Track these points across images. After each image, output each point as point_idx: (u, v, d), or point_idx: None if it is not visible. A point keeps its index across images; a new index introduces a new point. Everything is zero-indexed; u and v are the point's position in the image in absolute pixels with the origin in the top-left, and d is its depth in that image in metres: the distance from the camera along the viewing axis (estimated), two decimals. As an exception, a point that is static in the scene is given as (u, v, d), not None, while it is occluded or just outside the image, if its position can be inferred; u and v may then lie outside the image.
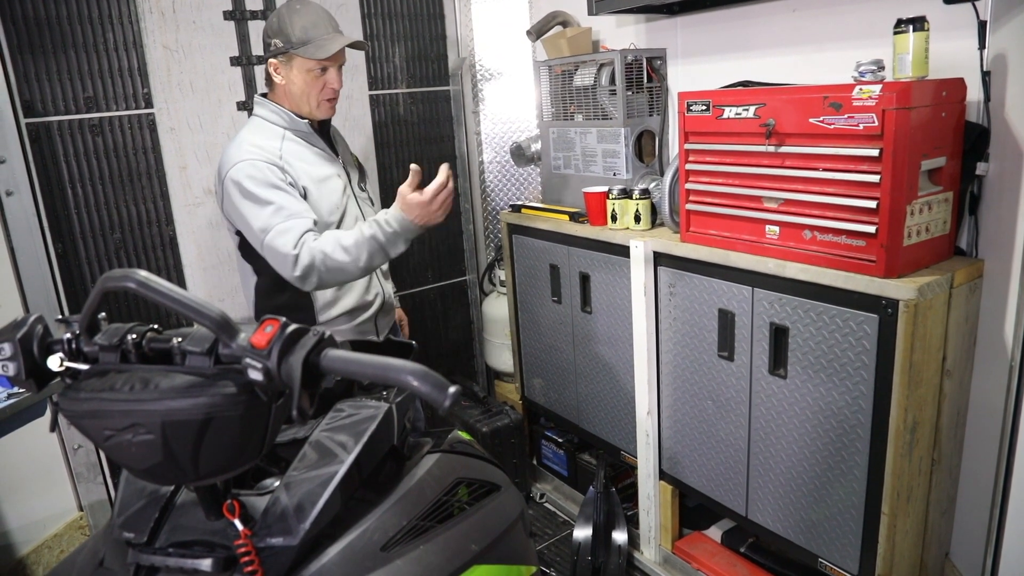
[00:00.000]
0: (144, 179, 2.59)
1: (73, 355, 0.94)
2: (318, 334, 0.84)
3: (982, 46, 1.78)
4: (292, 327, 0.84)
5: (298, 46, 1.91)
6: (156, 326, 0.96)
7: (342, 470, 1.05)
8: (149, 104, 2.57)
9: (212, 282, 2.76)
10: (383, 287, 2.23)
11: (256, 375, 0.82)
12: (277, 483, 1.08)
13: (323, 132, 2.11)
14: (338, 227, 2.02)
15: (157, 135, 2.60)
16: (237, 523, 0.97)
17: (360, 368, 0.81)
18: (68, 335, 0.95)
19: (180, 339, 0.91)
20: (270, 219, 1.86)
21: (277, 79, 1.99)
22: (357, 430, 1.13)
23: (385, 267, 2.25)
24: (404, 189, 1.86)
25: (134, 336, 0.92)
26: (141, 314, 2.59)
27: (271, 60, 1.97)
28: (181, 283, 2.70)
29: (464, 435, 1.50)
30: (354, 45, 1.99)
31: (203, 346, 0.88)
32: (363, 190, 2.21)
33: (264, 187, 1.88)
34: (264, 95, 2.07)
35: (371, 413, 1.16)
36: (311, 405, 0.83)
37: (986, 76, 1.79)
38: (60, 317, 0.98)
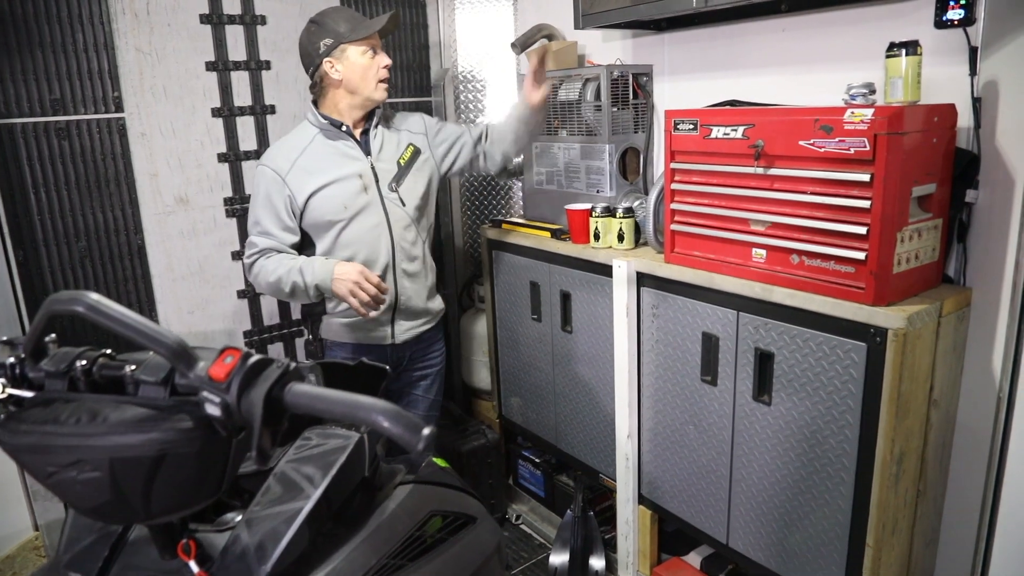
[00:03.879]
0: (112, 185, 2.50)
1: (16, 381, 0.87)
2: (282, 366, 0.77)
3: (973, 72, 1.76)
4: (254, 358, 0.77)
5: (348, 35, 2.09)
6: (109, 351, 0.89)
7: (308, 506, 0.98)
8: (119, 108, 2.49)
9: (182, 294, 2.66)
10: (399, 288, 2.23)
11: (213, 410, 0.76)
12: (239, 518, 1.00)
13: (364, 131, 2.23)
14: (352, 224, 2.15)
15: (127, 140, 2.51)
16: (193, 565, 0.90)
17: (327, 405, 0.74)
18: (12, 359, 0.87)
19: (133, 367, 0.84)
20: (250, 227, 2.19)
21: (335, 75, 2.12)
22: (326, 461, 1.06)
23: (412, 267, 2.26)
24: (358, 270, 2.03)
25: (84, 362, 0.85)
26: (99, 333, 2.49)
27: (327, 60, 2.10)
28: (149, 294, 2.60)
29: (439, 461, 1.43)
30: (393, 17, 2.15)
31: (158, 375, 0.81)
32: (393, 191, 2.20)
33: (259, 196, 2.14)
34: (314, 102, 2.23)
35: (341, 443, 1.08)
36: (273, 444, 0.76)
37: (977, 102, 1.76)
38: (4, 339, 0.91)
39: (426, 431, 0.70)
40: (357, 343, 2.24)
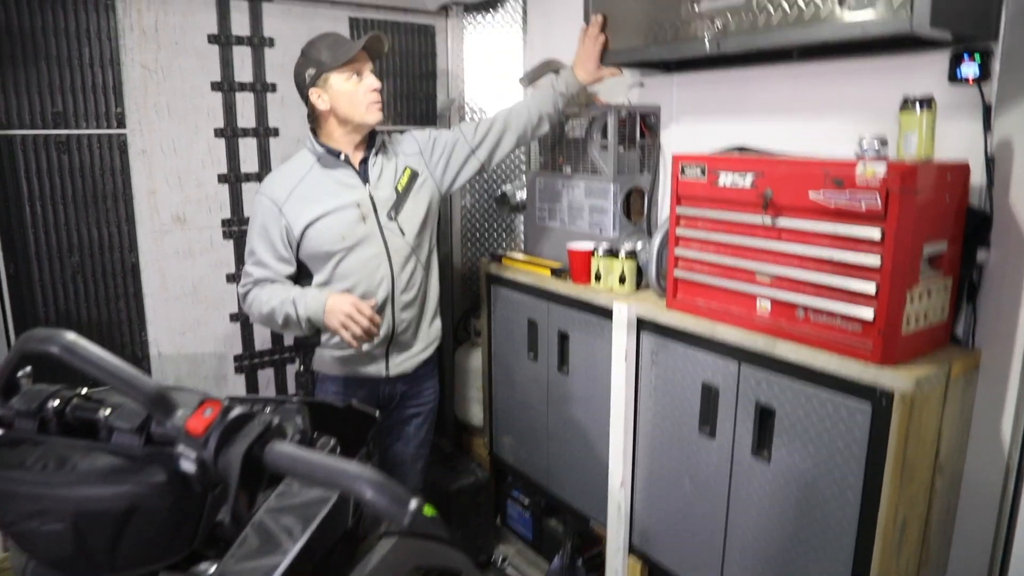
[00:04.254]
0: (109, 201, 2.46)
1: (-16, 418, 0.82)
2: (263, 423, 0.73)
3: (987, 130, 1.73)
4: (235, 413, 0.72)
5: (329, 63, 2.04)
6: (85, 390, 0.84)
7: (285, 563, 0.92)
8: (121, 124, 2.46)
9: (174, 315, 2.61)
10: (397, 320, 2.18)
11: (188, 466, 0.71)
12: (211, 570, 0.95)
13: (363, 159, 2.19)
14: (350, 254, 2.11)
15: (127, 157, 2.48)
16: (160, 621, 0.84)
17: (308, 469, 0.69)
18: (-20, 394, 0.83)
19: (109, 411, 0.79)
20: (246, 256, 2.17)
21: (323, 105, 2.08)
22: (307, 513, 1.00)
23: (411, 297, 2.21)
24: (350, 302, 1.98)
25: (56, 402, 0.80)
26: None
27: (312, 90, 2.08)
28: (140, 314, 2.55)
29: (428, 510, 1.38)
30: (373, 40, 2.08)
31: (133, 423, 0.76)
32: (392, 219, 2.16)
33: (256, 226, 2.12)
34: (312, 130, 2.19)
35: (324, 493, 1.03)
36: (250, 507, 0.71)
37: (990, 161, 1.74)
38: None
39: (412, 505, 0.66)
40: (349, 376, 2.19)
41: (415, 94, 3.14)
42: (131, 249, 2.52)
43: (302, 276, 2.17)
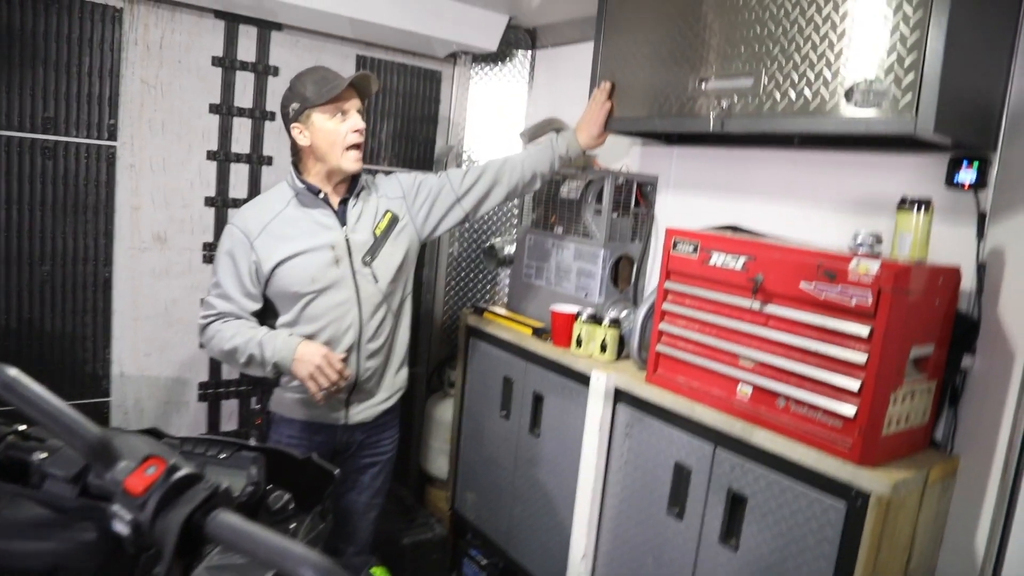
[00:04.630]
0: (90, 213, 2.40)
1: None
2: (210, 488, 0.67)
3: (980, 237, 1.73)
4: (180, 474, 0.67)
5: (313, 99, 1.97)
6: (23, 427, 0.78)
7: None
8: (113, 136, 2.41)
9: (143, 335, 2.54)
10: (361, 369, 2.08)
11: (122, 528, 0.65)
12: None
13: (343, 200, 2.10)
14: (320, 298, 2.01)
15: (115, 170, 2.43)
16: None
17: (252, 546, 0.63)
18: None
19: (45, 455, 0.73)
20: (211, 286, 2.05)
21: (303, 141, 2.01)
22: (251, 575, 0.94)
23: (377, 345, 2.11)
24: (321, 353, 1.92)
25: (-11, 438, 0.74)
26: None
27: (293, 125, 2.01)
28: (106, 330, 2.47)
29: (378, 572, 1.31)
30: (361, 79, 2.02)
31: (69, 471, 0.70)
32: (367, 264, 2.07)
33: (224, 257, 2.02)
34: (294, 163, 2.10)
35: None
36: (184, 577, 0.65)
37: (981, 268, 1.73)
38: None
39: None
40: (307, 421, 2.09)
41: (415, 137, 3.12)
42: (106, 264, 2.45)
43: (267, 314, 2.07)
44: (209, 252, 2.63)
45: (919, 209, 1.63)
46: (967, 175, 1.73)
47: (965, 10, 1.49)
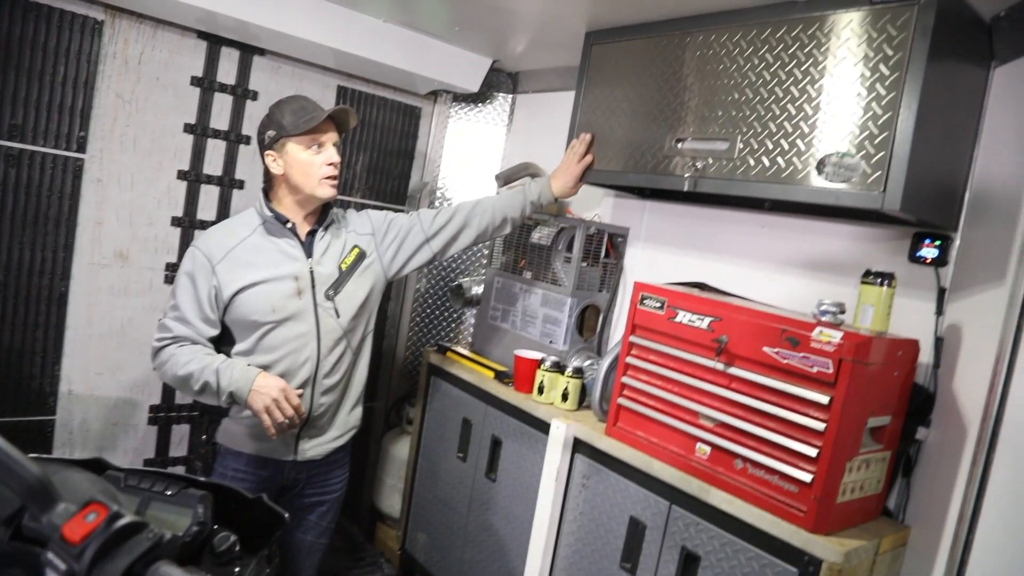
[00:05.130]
0: (51, 225, 2.35)
1: None
2: (154, 539, 0.64)
3: (939, 312, 1.77)
4: (122, 522, 0.64)
5: (289, 129, 1.95)
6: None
7: None
8: (82, 149, 2.37)
9: (95, 353, 2.47)
10: (314, 404, 2.02)
11: (55, 576, 0.62)
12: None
13: (312, 231, 2.06)
14: (278, 328, 1.96)
15: (80, 183, 2.38)
16: None
17: (194, 605, 0.61)
18: None
19: (-21, 491, 0.70)
20: (167, 308, 1.99)
21: (276, 169, 1.99)
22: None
23: (333, 381, 2.05)
24: (279, 387, 1.87)
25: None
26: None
27: (268, 152, 1.98)
28: (58, 346, 2.40)
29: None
30: (340, 112, 2.01)
31: (1, 513, 0.67)
32: (330, 299, 2.02)
33: (184, 279, 1.96)
34: (264, 191, 2.07)
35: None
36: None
37: (939, 342, 1.77)
38: None
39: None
40: (255, 455, 2.02)
41: (390, 171, 3.12)
42: (63, 278, 2.39)
43: (223, 341, 2.01)
44: (171, 272, 2.58)
45: (883, 282, 1.66)
46: (929, 251, 1.78)
47: (934, 96, 1.54)
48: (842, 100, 1.64)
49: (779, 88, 1.76)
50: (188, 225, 2.60)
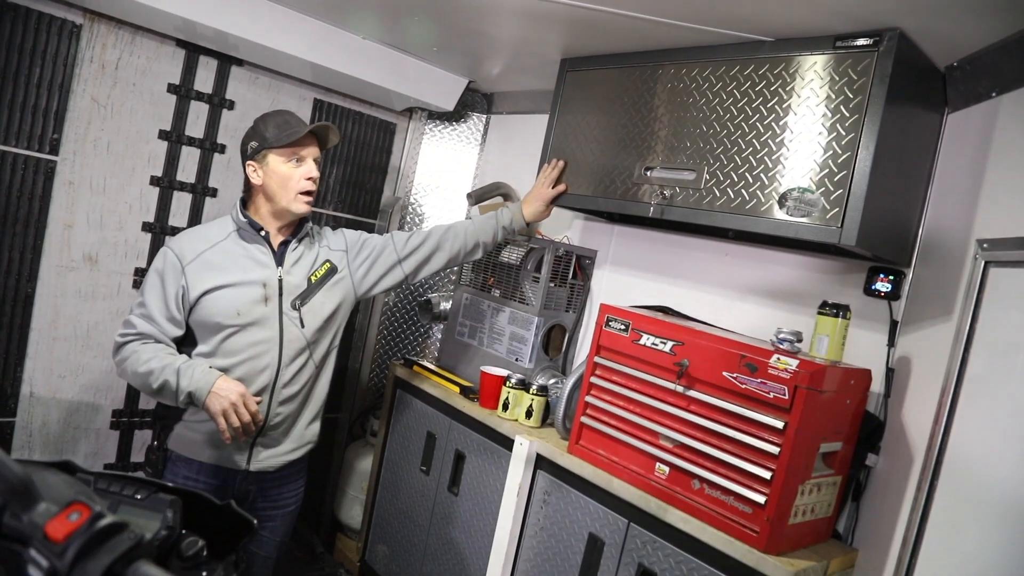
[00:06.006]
0: (20, 226, 2.33)
1: None
2: (134, 539, 0.66)
3: (891, 344, 1.84)
4: (104, 522, 0.66)
5: (271, 141, 1.99)
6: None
7: None
8: (54, 151, 2.36)
9: (59, 355, 2.45)
10: (271, 413, 2.02)
11: (36, 574, 0.64)
12: None
13: (285, 242, 2.09)
14: (241, 333, 1.97)
15: (52, 185, 2.37)
16: None
17: (171, 604, 0.63)
18: None
19: (-42, 489, 0.71)
20: (135, 305, 2.00)
21: (256, 179, 2.03)
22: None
23: (292, 392, 2.06)
24: (238, 392, 1.87)
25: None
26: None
27: (249, 163, 2.03)
28: (21, 348, 2.38)
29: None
30: (323, 129, 2.06)
31: (-17, 511, 0.68)
32: (296, 309, 2.04)
33: (153, 277, 1.98)
34: (242, 200, 2.10)
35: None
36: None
37: (890, 373, 1.84)
38: None
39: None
40: (207, 463, 2.00)
41: (363, 185, 3.15)
42: (30, 279, 2.38)
43: (186, 343, 2.01)
44: (140, 277, 2.57)
45: (838, 314, 1.74)
46: (883, 285, 1.86)
47: (891, 138, 1.62)
48: (804, 138, 1.71)
49: (745, 123, 1.83)
50: (159, 231, 2.60)
